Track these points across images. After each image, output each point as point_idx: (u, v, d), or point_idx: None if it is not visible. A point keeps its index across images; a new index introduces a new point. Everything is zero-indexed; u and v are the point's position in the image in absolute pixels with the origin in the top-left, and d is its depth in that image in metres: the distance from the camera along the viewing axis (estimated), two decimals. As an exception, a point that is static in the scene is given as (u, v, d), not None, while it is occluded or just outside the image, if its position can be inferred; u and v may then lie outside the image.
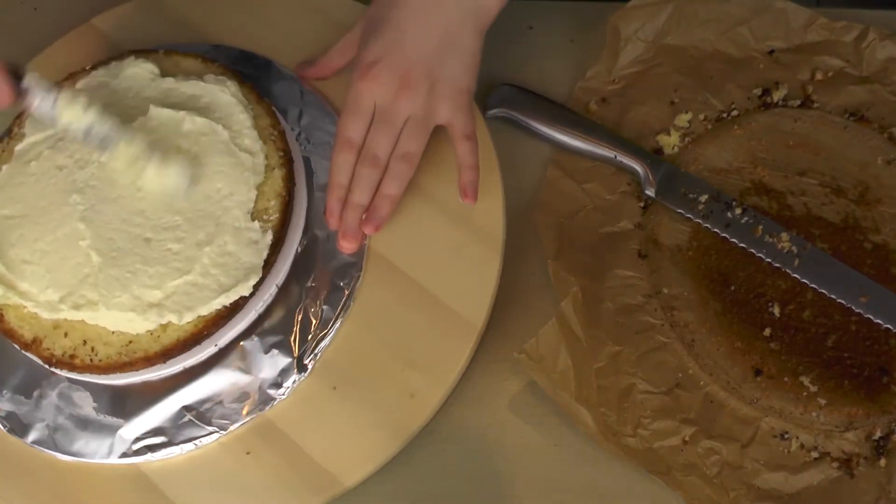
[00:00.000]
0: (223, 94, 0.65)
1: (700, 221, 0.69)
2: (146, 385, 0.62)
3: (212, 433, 0.61)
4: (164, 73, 0.67)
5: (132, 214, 0.62)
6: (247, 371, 0.62)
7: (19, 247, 0.62)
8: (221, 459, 0.61)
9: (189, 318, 0.59)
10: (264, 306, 0.63)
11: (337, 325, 0.63)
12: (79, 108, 0.58)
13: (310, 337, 0.62)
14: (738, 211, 0.68)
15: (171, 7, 0.77)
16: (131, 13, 0.78)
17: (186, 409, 0.61)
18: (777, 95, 0.74)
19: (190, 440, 0.61)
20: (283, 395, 0.61)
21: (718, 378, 0.64)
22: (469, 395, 0.64)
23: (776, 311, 0.66)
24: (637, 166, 0.70)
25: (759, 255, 0.67)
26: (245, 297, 0.60)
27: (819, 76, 0.74)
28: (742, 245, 0.68)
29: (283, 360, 0.62)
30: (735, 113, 0.74)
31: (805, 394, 0.63)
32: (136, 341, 0.60)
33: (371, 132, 0.63)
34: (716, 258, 0.68)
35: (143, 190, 0.62)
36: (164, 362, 0.60)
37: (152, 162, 0.60)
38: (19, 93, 0.56)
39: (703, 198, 0.69)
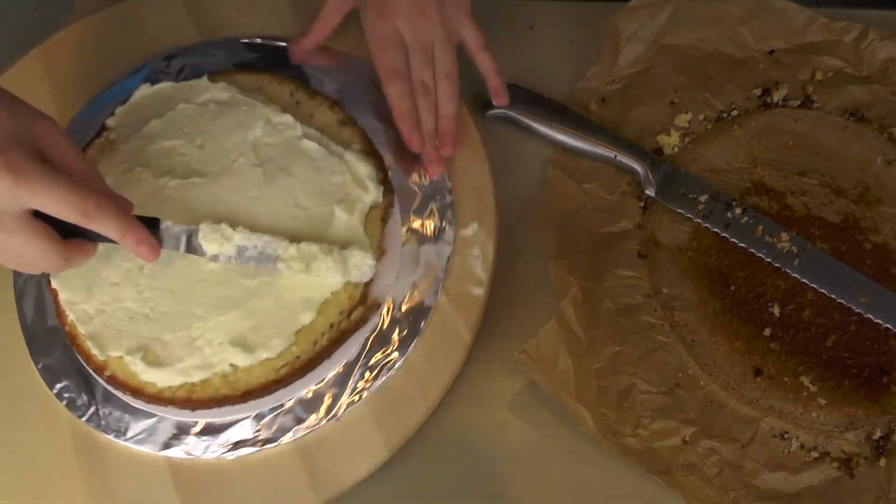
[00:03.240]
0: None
1: (700, 221, 0.69)
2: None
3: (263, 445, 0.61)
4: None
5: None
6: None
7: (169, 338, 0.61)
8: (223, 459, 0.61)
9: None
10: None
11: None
12: (220, 237, 0.59)
13: None
14: (738, 211, 0.68)
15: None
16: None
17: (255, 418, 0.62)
18: (777, 95, 0.74)
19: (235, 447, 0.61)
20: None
21: (718, 378, 0.64)
22: (469, 395, 0.64)
23: (776, 311, 0.66)
24: (637, 166, 0.70)
25: (759, 255, 0.67)
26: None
27: (819, 76, 0.74)
28: (742, 245, 0.68)
29: None
30: (735, 113, 0.74)
31: (805, 394, 0.63)
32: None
33: (412, 62, 0.67)
34: (716, 258, 0.68)
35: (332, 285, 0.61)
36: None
37: (332, 257, 0.60)
38: (161, 242, 0.57)
39: (703, 198, 0.69)
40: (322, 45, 0.72)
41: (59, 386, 0.63)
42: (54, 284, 0.63)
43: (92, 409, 0.63)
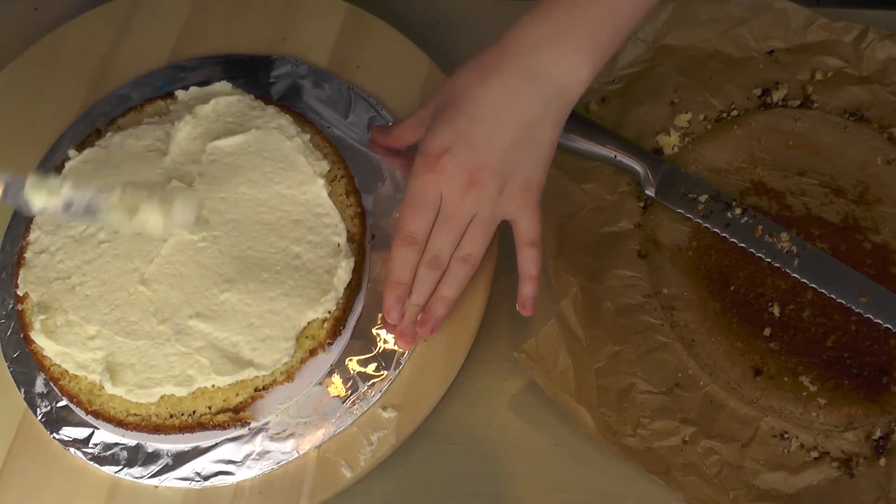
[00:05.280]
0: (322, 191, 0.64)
1: (700, 221, 0.69)
2: None
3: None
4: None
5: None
6: None
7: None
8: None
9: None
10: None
11: None
12: (48, 189, 0.55)
13: None
14: (738, 211, 0.68)
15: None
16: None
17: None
18: (777, 95, 0.74)
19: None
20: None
21: (718, 378, 0.64)
22: (469, 395, 0.64)
23: (776, 311, 0.66)
24: (637, 166, 0.70)
25: (759, 255, 0.67)
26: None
27: (819, 76, 0.74)
28: (742, 245, 0.68)
29: None
30: (735, 113, 0.74)
31: (805, 394, 0.63)
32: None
33: (435, 231, 0.60)
34: (716, 258, 0.68)
35: (154, 237, 0.60)
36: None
37: (153, 205, 0.56)
38: None
39: (703, 198, 0.69)
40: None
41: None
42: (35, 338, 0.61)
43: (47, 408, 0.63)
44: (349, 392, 0.61)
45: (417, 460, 0.62)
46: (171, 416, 0.59)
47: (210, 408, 0.59)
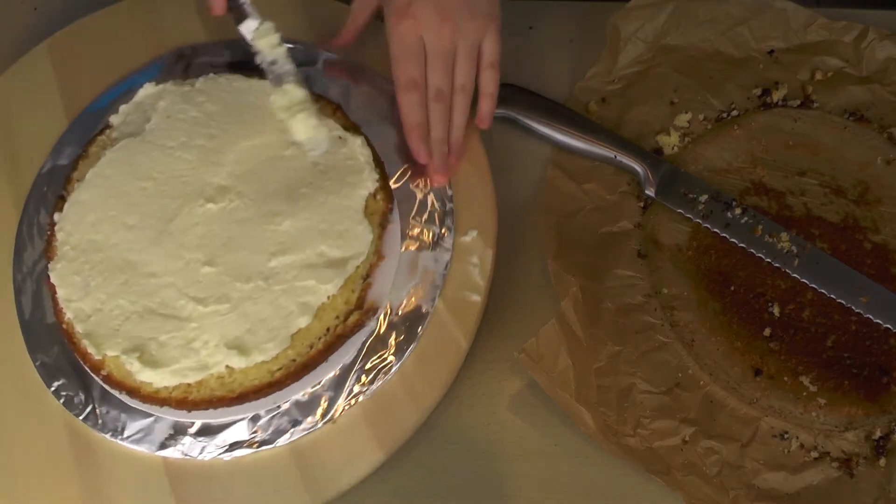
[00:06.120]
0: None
1: (700, 221, 0.69)
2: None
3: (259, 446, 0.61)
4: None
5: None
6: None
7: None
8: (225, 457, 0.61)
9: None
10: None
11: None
12: (273, 40, 0.67)
13: None
14: (738, 211, 0.68)
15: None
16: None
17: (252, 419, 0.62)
18: (777, 95, 0.74)
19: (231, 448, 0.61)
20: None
21: (718, 378, 0.64)
22: (469, 395, 0.64)
23: (776, 311, 0.66)
24: (637, 166, 0.70)
25: (759, 255, 0.67)
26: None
27: (819, 76, 0.74)
28: (742, 245, 0.68)
29: None
30: (735, 113, 0.74)
31: (805, 394, 0.63)
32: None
33: (430, 70, 0.65)
34: (716, 258, 0.68)
35: (287, 132, 0.67)
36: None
37: (310, 111, 0.66)
38: (233, 5, 0.66)
39: (703, 198, 0.69)
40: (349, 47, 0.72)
41: (56, 384, 0.63)
42: (53, 279, 0.63)
43: (89, 408, 0.63)
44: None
45: (418, 460, 0.62)
46: (311, 347, 0.60)
47: (338, 317, 0.61)
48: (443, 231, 0.65)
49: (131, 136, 0.68)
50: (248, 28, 0.67)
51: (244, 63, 0.71)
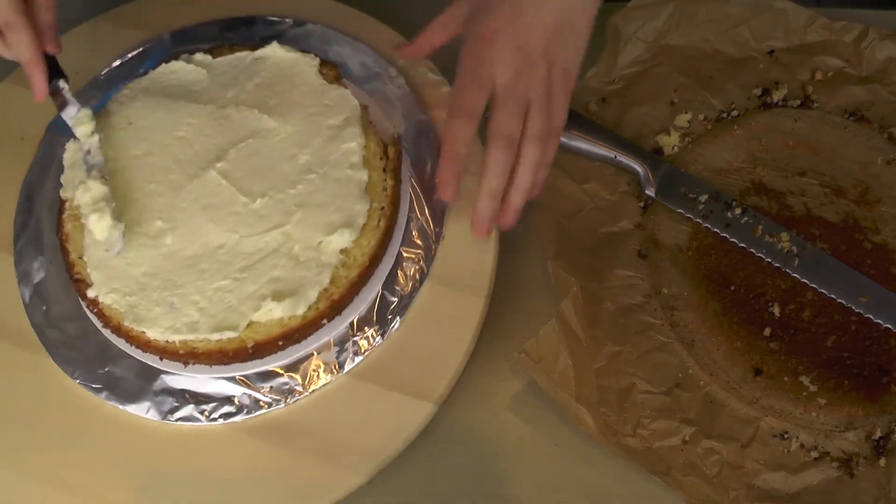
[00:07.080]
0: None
1: (700, 221, 0.69)
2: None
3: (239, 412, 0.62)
4: None
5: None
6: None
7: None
8: (226, 457, 0.61)
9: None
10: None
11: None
12: (87, 129, 0.67)
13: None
14: (738, 211, 0.68)
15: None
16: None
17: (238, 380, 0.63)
18: (777, 95, 0.74)
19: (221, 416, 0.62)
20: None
21: (718, 378, 0.64)
22: (469, 395, 0.64)
23: (776, 311, 0.66)
24: (637, 166, 0.70)
25: (759, 255, 0.67)
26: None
27: (819, 76, 0.74)
28: (742, 245, 0.68)
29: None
30: (735, 113, 0.74)
31: (805, 394, 0.63)
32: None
33: (500, 110, 0.58)
34: (716, 258, 0.68)
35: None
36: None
37: (107, 211, 0.63)
38: (54, 92, 0.67)
39: (703, 198, 0.69)
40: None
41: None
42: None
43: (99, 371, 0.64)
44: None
45: (418, 460, 0.62)
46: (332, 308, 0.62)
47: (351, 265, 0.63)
48: (445, 223, 0.66)
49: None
50: (69, 115, 0.67)
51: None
